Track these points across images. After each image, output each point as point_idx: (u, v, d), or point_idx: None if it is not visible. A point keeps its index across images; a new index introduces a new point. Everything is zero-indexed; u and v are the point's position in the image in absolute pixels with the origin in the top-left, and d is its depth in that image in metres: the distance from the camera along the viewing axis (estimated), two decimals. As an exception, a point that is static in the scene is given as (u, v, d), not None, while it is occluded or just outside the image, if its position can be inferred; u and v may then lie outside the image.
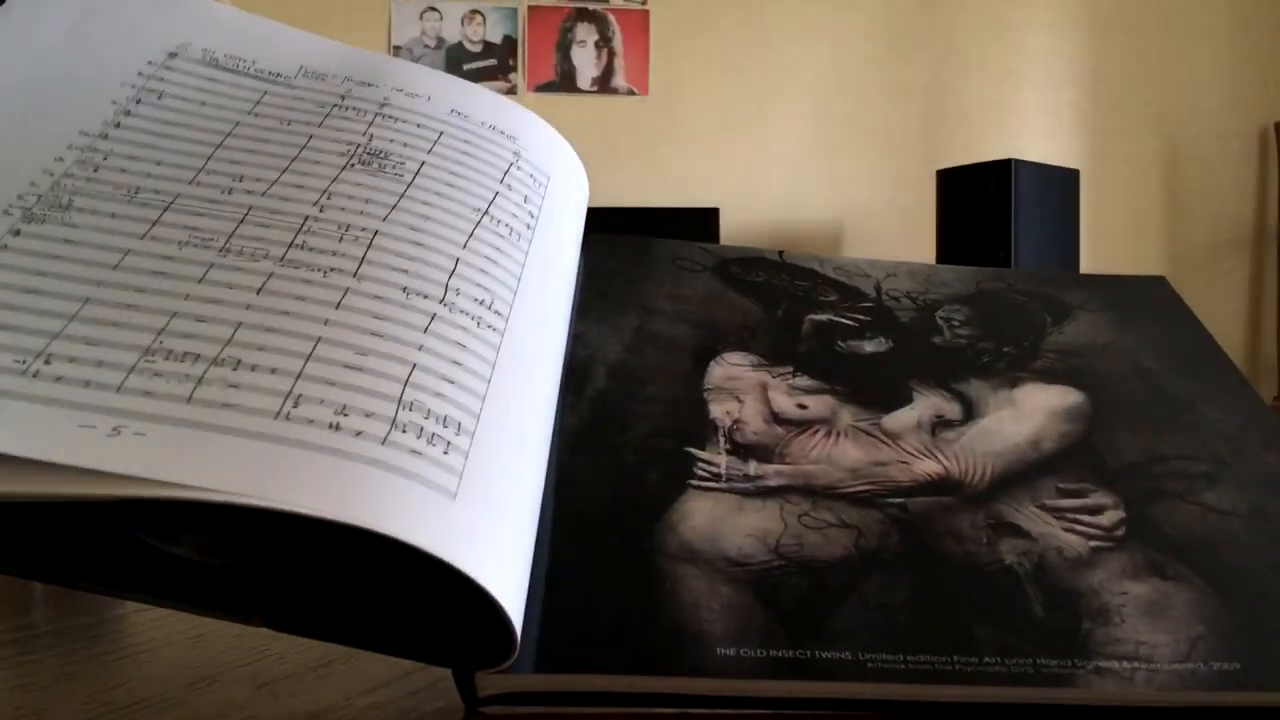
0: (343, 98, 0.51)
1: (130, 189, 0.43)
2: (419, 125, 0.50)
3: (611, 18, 3.65)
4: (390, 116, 0.50)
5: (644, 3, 3.68)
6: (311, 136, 0.48)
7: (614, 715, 0.38)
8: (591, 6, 3.67)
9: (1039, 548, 0.44)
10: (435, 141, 0.49)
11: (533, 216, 0.49)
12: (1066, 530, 0.45)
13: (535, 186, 0.50)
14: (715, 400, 0.52)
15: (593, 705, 0.38)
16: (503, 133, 0.52)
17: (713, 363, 0.54)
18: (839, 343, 0.57)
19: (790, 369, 0.54)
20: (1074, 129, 3.77)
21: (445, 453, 0.35)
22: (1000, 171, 3.09)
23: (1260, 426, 0.52)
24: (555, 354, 0.47)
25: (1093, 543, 0.44)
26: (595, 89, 3.63)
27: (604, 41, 3.65)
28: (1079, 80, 3.78)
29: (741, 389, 0.53)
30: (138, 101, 0.47)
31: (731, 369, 0.54)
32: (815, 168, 3.66)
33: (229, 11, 0.55)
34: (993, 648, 0.39)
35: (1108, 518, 0.46)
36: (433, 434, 0.35)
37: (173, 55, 0.50)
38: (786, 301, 0.60)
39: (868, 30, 3.71)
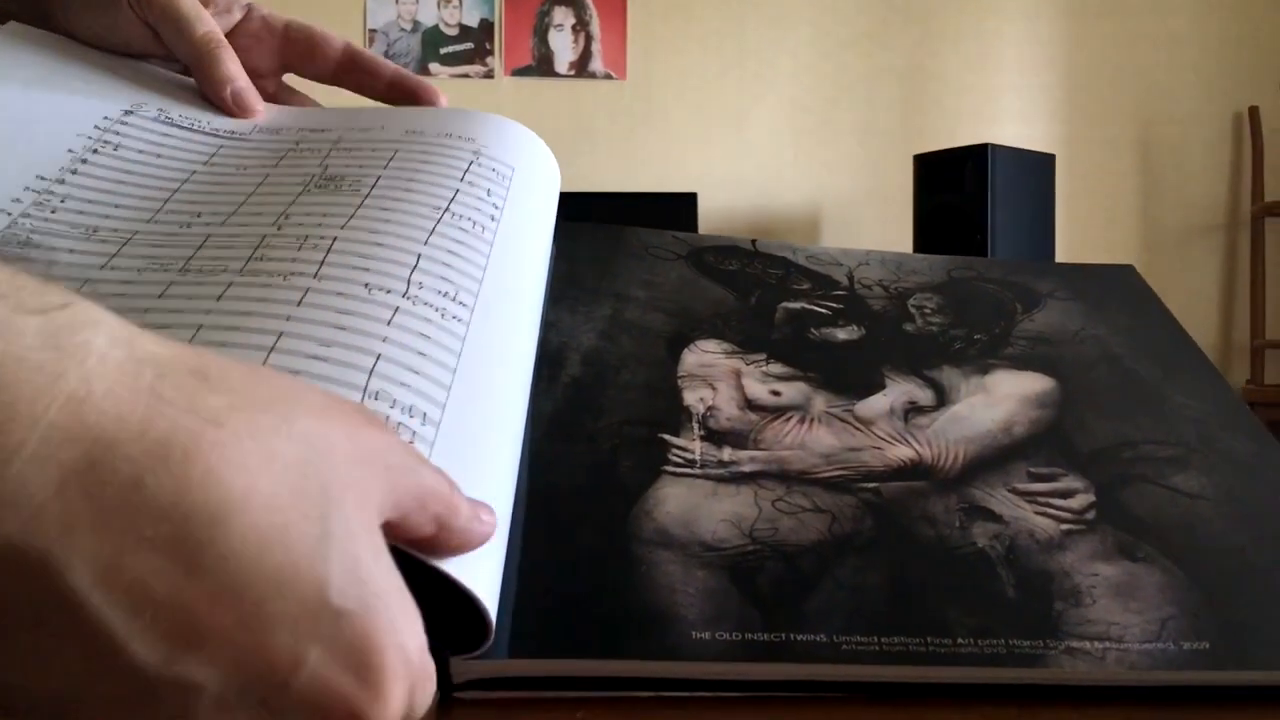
0: (297, 143, 0.51)
1: (88, 228, 0.43)
2: (374, 150, 0.50)
3: (589, 1, 3.63)
4: (345, 148, 0.50)
5: (621, -14, 3.67)
6: (268, 175, 0.48)
7: (591, 699, 0.38)
8: (569, -10, 3.66)
9: (1011, 531, 0.44)
10: (391, 158, 0.49)
11: (496, 208, 0.48)
12: (1038, 514, 0.45)
13: (498, 179, 0.50)
14: (689, 387, 0.52)
15: (569, 689, 0.38)
16: (460, 137, 0.52)
17: (686, 350, 0.54)
18: (812, 330, 0.57)
19: (763, 356, 0.55)
20: (1050, 114, 3.80)
21: (411, 442, 0.35)
22: (977, 156, 3.11)
23: (1226, 412, 0.53)
24: (526, 339, 0.47)
25: (1064, 526, 0.45)
26: (573, 73, 3.60)
27: (581, 25, 3.63)
28: (1055, 65, 3.81)
29: (715, 376, 0.53)
30: (94, 151, 0.47)
31: (705, 356, 0.54)
32: (793, 153, 3.66)
33: (185, 79, 0.55)
34: (966, 629, 0.39)
35: (1078, 501, 0.46)
36: (398, 424, 0.35)
37: (128, 112, 0.51)
38: (759, 290, 0.60)
39: (845, 15, 3.72)
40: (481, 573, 0.34)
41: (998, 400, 0.53)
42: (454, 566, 0.33)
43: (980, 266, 0.65)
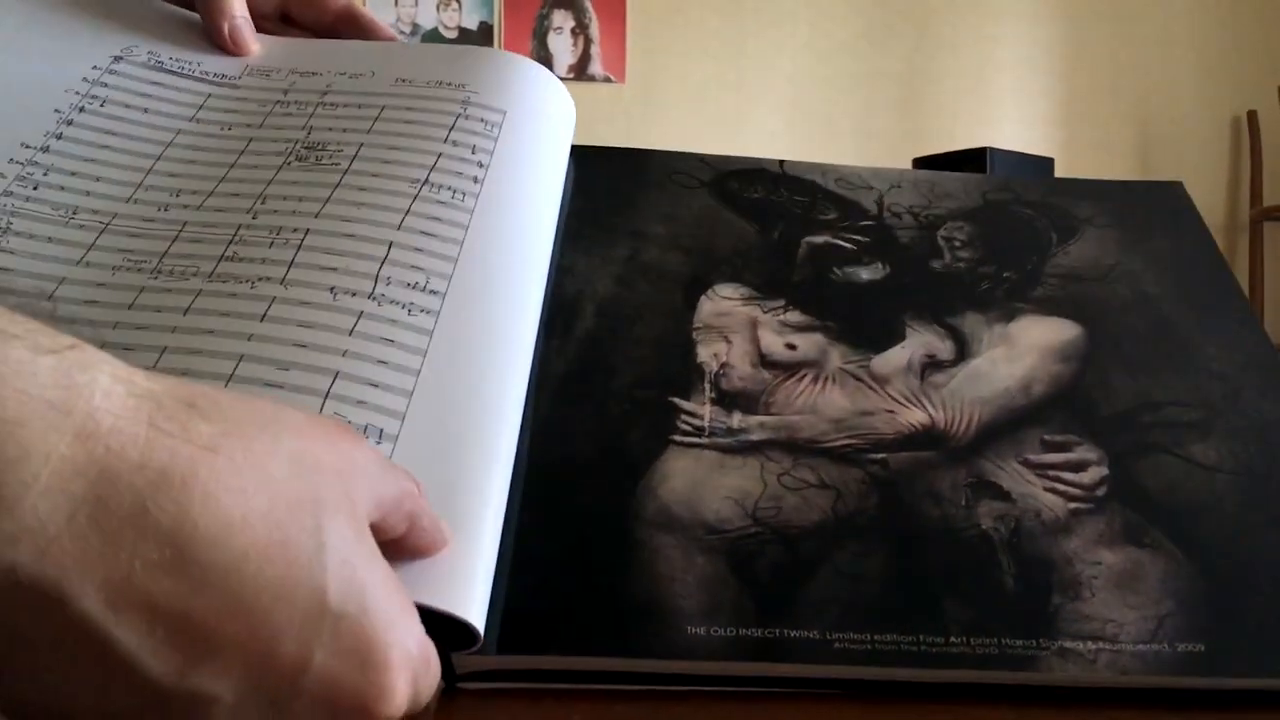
0: (285, 92, 0.50)
1: (69, 209, 0.42)
2: (360, 106, 0.49)
3: (588, 4, 3.64)
4: (331, 104, 0.49)
5: (620, -12, 3.65)
6: (251, 140, 0.47)
7: (591, 691, 0.39)
8: (568, -8, 3.67)
9: (1017, 510, 0.44)
10: (376, 119, 0.48)
11: (481, 166, 0.47)
12: (1047, 490, 0.45)
13: (487, 129, 0.49)
14: (704, 341, 0.51)
15: (569, 682, 0.39)
16: (450, 84, 0.50)
17: (703, 297, 0.53)
18: (835, 270, 0.56)
19: (782, 302, 0.54)
20: (1049, 117, 3.84)
21: None
22: (976, 159, 3.11)
23: (1260, 366, 0.51)
24: (521, 300, 0.46)
25: (1072, 504, 0.44)
26: (572, 76, 3.63)
27: (580, 28, 3.64)
28: (1054, 68, 3.83)
29: (731, 327, 0.52)
30: (80, 110, 0.46)
31: (722, 303, 0.53)
32: (793, 155, 3.64)
33: (178, 11, 0.53)
34: (960, 626, 0.40)
35: (1090, 475, 0.46)
36: None
37: (117, 59, 0.49)
38: (784, 222, 0.59)
39: (844, 18, 3.72)
40: (455, 586, 0.35)
41: (1020, 353, 0.52)
42: (433, 584, 0.34)
43: (1018, 188, 0.63)
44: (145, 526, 0.25)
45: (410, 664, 0.30)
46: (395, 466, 0.33)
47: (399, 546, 0.34)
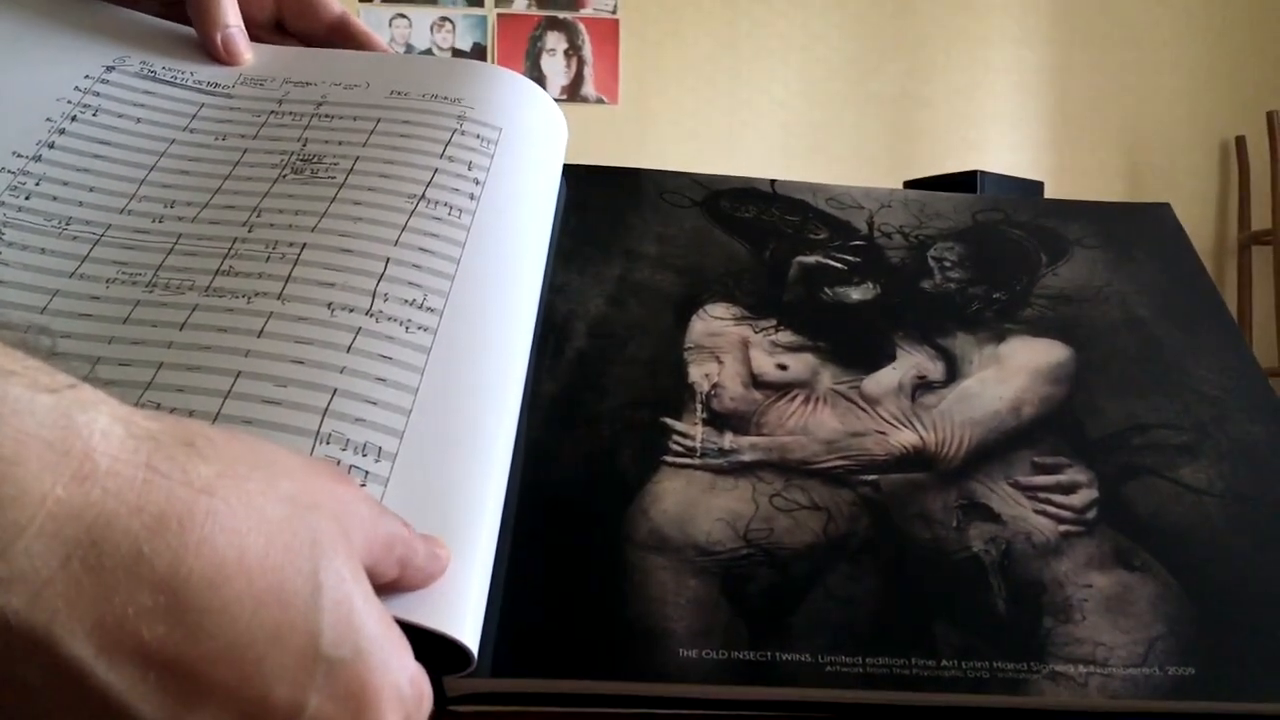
0: (280, 102, 0.50)
1: (61, 220, 0.42)
2: (355, 119, 0.49)
3: (581, 26, 3.69)
4: (326, 115, 0.49)
5: (614, 11, 3.71)
6: (246, 150, 0.47)
7: (582, 714, 0.39)
8: (561, 15, 3.71)
9: (1008, 533, 0.44)
10: (371, 131, 0.48)
11: (478, 183, 0.47)
12: (1038, 512, 0.45)
13: (483, 146, 0.49)
14: (695, 361, 0.51)
15: (560, 705, 0.39)
16: (446, 99, 0.50)
17: (695, 317, 0.54)
18: (825, 290, 0.56)
19: (773, 322, 0.54)
20: (1038, 141, 3.90)
21: (364, 484, 0.35)
22: (966, 183, 3.13)
23: (1248, 389, 0.52)
24: (517, 318, 0.46)
25: (1062, 526, 0.45)
26: (565, 97, 3.68)
27: (573, 50, 3.70)
28: (1044, 93, 3.90)
29: (722, 347, 0.52)
30: (73, 119, 0.46)
31: (713, 323, 0.53)
32: (785, 177, 3.71)
33: (171, 25, 0.53)
34: (951, 649, 0.40)
35: (1080, 497, 0.46)
36: (350, 466, 0.35)
37: (109, 69, 0.49)
38: (775, 241, 0.59)
39: (836, 43, 3.79)
40: (450, 607, 0.35)
41: (1010, 374, 0.52)
42: (427, 605, 0.34)
43: (1008, 207, 0.63)
44: (140, 572, 0.24)
45: (403, 705, 0.30)
46: (386, 511, 0.33)
47: (394, 587, 0.33)
